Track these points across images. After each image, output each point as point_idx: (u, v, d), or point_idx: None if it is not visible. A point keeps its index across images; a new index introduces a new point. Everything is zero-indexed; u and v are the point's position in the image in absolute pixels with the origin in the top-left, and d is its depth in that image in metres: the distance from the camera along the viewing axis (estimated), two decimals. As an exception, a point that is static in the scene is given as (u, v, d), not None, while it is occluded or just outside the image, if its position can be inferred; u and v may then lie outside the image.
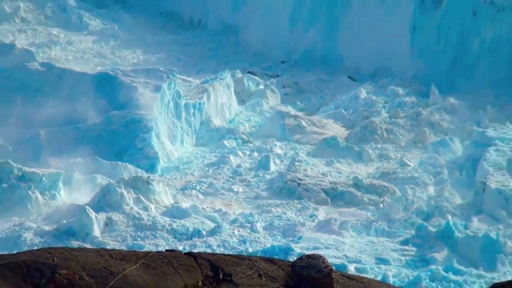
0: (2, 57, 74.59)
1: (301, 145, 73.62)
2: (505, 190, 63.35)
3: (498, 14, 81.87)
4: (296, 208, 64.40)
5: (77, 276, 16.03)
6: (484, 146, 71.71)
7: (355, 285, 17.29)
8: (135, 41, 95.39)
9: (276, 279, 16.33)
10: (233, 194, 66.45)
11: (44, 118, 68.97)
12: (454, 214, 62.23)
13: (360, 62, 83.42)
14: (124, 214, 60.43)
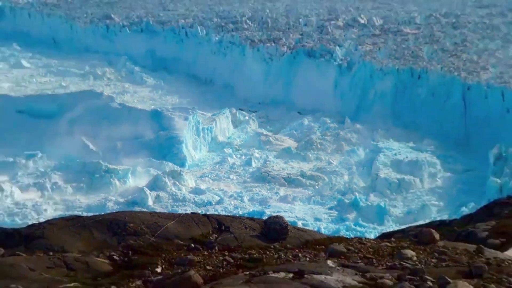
0: (95, 100, 75.34)
1: (270, 152, 72.80)
2: (389, 178, 64.62)
3: (384, 76, 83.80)
4: (267, 189, 65.27)
5: (139, 227, 17.83)
6: (377, 153, 70.42)
7: (301, 233, 17.90)
8: (173, 91, 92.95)
9: (255, 229, 17.30)
10: (230, 180, 67.20)
11: (120, 135, 69.78)
12: (359, 192, 62.72)
13: (304, 103, 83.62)
14: (166, 192, 61.88)
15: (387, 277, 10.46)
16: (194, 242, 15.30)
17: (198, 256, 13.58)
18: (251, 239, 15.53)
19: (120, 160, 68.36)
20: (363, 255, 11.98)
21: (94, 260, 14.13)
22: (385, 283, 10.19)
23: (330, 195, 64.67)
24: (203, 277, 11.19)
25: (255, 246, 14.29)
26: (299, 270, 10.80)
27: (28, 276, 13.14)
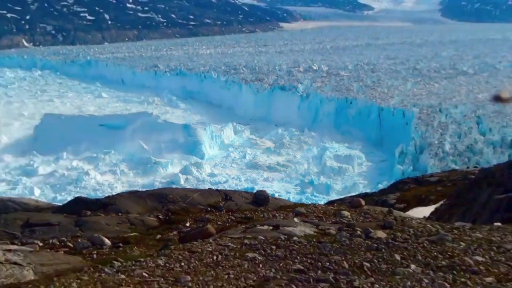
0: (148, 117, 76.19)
1: (257, 150, 71.58)
2: (332, 166, 63.69)
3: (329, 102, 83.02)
4: (256, 173, 64.67)
5: (175, 198, 17.18)
6: (324, 150, 69.14)
7: (277, 201, 17.68)
8: (196, 112, 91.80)
9: (248, 199, 16.71)
10: (232, 168, 66.85)
11: (163, 139, 68.08)
12: (314, 175, 61.41)
13: (279, 119, 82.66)
14: (192, 175, 61.37)
15: (332, 229, 10.44)
16: (210, 207, 15.31)
17: (212, 216, 13.48)
18: (246, 205, 15.45)
19: (163, 155, 68.16)
20: (316, 215, 11.97)
21: (147, 219, 14.18)
22: (330, 232, 10.18)
23: (295, 177, 64.10)
24: (215, 229, 11.07)
25: (248, 209, 14.22)
26: (276, 224, 10.77)
27: (105, 229, 13.17)
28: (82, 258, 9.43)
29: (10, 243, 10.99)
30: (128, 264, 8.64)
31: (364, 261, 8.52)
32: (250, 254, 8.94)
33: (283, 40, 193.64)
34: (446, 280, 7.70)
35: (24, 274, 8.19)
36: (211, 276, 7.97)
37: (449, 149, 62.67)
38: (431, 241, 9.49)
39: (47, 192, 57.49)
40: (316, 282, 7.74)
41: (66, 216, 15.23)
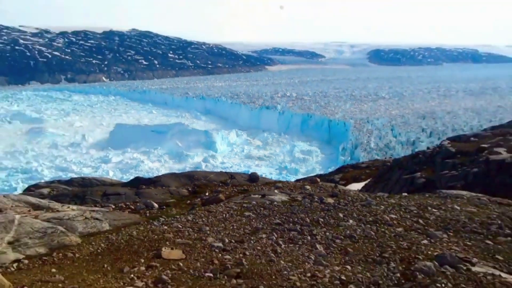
0: (181, 126, 75.30)
1: (251, 146, 70.39)
2: (299, 157, 64.19)
3: (297, 116, 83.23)
4: (250, 161, 63.50)
5: (199, 177, 16.66)
6: (294, 147, 69.45)
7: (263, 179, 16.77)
8: (213, 122, 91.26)
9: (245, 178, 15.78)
10: (235, 158, 65.74)
11: (191, 140, 69.32)
12: (287, 162, 61.13)
13: (265, 127, 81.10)
14: (210, 163, 60.81)
15: (299, 197, 10.41)
16: (221, 183, 15.13)
17: (222, 189, 13.31)
18: (244, 182, 15.24)
19: (191, 150, 67.89)
20: (289, 188, 11.96)
21: (181, 190, 13.98)
22: (298, 199, 10.16)
23: (275, 164, 63.78)
24: (225, 197, 11.03)
25: (246, 184, 14.03)
26: (263, 194, 10.70)
27: (154, 197, 12.98)
28: (140, 215, 9.50)
29: (94, 206, 11.11)
30: (169, 219, 8.69)
31: (319, 217, 8.54)
32: (247, 213, 8.96)
33: (268, 77, 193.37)
34: (372, 230, 7.78)
35: (102, 225, 8.29)
36: (222, 227, 8.08)
37: (374, 146, 63.60)
38: (362, 205, 9.49)
39: (117, 173, 57.50)
40: (289, 231, 7.80)
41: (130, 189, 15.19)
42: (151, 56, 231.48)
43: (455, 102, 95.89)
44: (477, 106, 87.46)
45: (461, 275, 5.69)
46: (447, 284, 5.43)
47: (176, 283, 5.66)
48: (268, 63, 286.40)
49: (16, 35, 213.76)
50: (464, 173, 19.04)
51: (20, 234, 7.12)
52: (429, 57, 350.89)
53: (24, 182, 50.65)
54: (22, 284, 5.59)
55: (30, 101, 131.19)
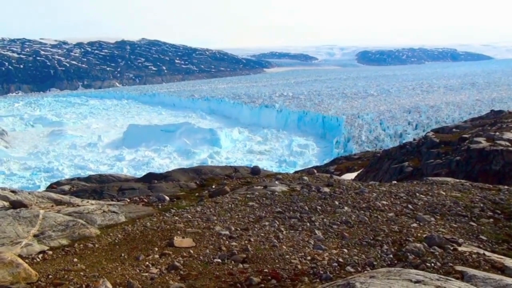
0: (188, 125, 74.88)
1: (252, 142, 70.12)
2: (297, 150, 64.18)
3: (294, 113, 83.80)
4: (252, 156, 63.34)
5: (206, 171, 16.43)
6: (292, 141, 69.24)
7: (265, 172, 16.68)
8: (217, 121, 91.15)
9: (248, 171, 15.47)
10: (238, 153, 64.88)
11: (198, 138, 69.56)
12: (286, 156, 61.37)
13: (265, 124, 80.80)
14: (215, 159, 61.34)
15: (298, 187, 10.35)
16: (226, 176, 15.01)
17: (228, 181, 13.21)
18: (247, 174, 15.12)
19: (197, 147, 67.66)
20: (288, 179, 11.89)
21: (190, 184, 13.90)
22: (297, 189, 10.09)
23: (275, 158, 63.57)
24: (230, 188, 10.93)
25: (248, 177, 13.87)
26: (265, 185, 10.60)
27: (166, 190, 12.87)
28: (153, 208, 9.40)
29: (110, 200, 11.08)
30: (179, 211, 8.66)
31: (317, 205, 8.50)
32: (250, 203, 8.90)
33: (266, 79, 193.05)
34: (365, 215, 7.77)
35: (119, 218, 8.26)
36: (228, 216, 8.05)
37: (365, 139, 63.56)
38: (356, 193, 9.45)
39: (130, 170, 57.38)
40: (289, 218, 7.77)
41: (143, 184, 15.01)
42: (159, 63, 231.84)
43: (437, 97, 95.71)
44: (457, 100, 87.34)
45: (448, 255, 5.72)
46: (436, 263, 5.44)
47: (188, 269, 5.67)
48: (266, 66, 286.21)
49: (37, 47, 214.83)
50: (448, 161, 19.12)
51: (44, 227, 7.16)
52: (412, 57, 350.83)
53: (47, 180, 50.88)
54: (47, 273, 5.61)
55: (51, 106, 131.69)
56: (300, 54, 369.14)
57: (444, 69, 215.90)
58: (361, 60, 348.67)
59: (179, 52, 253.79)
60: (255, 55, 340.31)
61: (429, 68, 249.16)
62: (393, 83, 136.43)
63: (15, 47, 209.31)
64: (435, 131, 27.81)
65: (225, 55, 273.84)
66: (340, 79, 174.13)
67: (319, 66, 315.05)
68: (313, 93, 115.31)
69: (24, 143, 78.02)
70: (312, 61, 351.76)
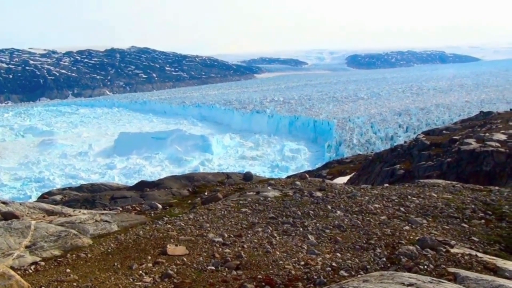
0: (180, 132, 73.96)
1: (244, 148, 69.53)
2: (289, 155, 64.04)
3: (285, 118, 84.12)
4: (244, 162, 62.85)
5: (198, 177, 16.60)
6: (284, 146, 69.25)
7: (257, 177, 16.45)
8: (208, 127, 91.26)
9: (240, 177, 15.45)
10: (230, 159, 65.15)
11: (189, 145, 69.62)
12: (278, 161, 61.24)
13: (256, 130, 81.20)
14: (207, 166, 60.93)
15: (290, 192, 10.35)
16: (218, 182, 14.99)
17: (220, 188, 13.19)
18: (239, 180, 15.10)
19: (189, 154, 67.33)
20: (281, 184, 11.87)
21: (182, 191, 13.91)
22: (289, 194, 10.10)
23: (267, 163, 63.46)
24: (222, 195, 10.93)
25: (241, 183, 13.87)
26: (257, 191, 10.59)
27: (158, 198, 12.84)
28: (145, 216, 9.42)
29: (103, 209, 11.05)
30: (172, 218, 8.65)
31: (310, 210, 8.51)
32: (243, 209, 8.89)
33: (256, 84, 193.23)
34: (358, 219, 7.78)
35: (112, 227, 8.28)
36: (221, 223, 8.03)
37: (356, 142, 63.81)
38: (348, 196, 9.46)
39: (122, 178, 57.09)
40: (282, 224, 7.77)
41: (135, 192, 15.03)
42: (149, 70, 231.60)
43: (427, 99, 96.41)
44: (447, 102, 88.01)
45: (441, 257, 5.73)
46: (429, 265, 5.44)
47: (181, 277, 5.65)
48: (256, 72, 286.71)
49: (26, 56, 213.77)
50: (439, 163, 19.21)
51: (36, 238, 7.13)
52: (401, 60, 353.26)
53: (38, 190, 50.49)
54: (40, 284, 5.58)
55: (41, 115, 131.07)
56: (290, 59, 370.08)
57: (433, 71, 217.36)
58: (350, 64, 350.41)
59: (169, 59, 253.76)
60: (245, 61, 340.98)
61: (418, 70, 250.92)
62: (383, 86, 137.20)
63: (3, 57, 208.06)
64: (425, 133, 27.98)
65: (215, 61, 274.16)
66: (331, 83, 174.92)
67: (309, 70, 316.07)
68: (304, 98, 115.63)
69: (14, 154, 77.36)
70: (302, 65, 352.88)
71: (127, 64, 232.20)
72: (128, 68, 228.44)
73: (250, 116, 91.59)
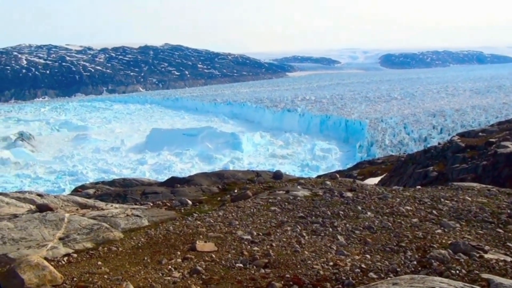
0: (210, 129, 75.51)
1: (274, 146, 69.90)
2: (320, 154, 64.01)
3: (316, 117, 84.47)
4: (274, 160, 63.98)
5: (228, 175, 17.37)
6: (314, 145, 69.60)
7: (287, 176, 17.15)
8: (238, 125, 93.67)
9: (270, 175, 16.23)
10: (260, 157, 65.25)
11: (220, 142, 71.03)
12: (308, 160, 61.76)
13: (287, 128, 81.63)
14: (237, 164, 61.30)
15: (320, 192, 10.30)
16: (248, 180, 15.06)
17: (250, 186, 13.06)
18: (269, 179, 15.16)
19: (220, 152, 67.91)
20: (311, 184, 11.83)
21: (212, 188, 14.01)
22: (319, 194, 10.05)
23: (298, 162, 63.42)
24: (252, 193, 10.91)
25: (271, 181, 13.88)
26: (287, 190, 10.59)
27: (188, 195, 13.04)
28: (175, 212, 9.49)
29: (134, 204, 11.27)
30: (201, 215, 8.71)
31: (339, 210, 8.47)
32: (272, 207, 8.91)
33: (288, 83, 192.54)
34: (389, 221, 7.71)
35: (142, 222, 8.36)
36: (250, 221, 8.06)
37: (388, 143, 63.04)
38: (379, 198, 9.39)
39: (152, 174, 57.97)
40: (311, 223, 7.76)
41: (166, 188, 15.32)
42: (182, 67, 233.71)
43: (463, 100, 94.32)
44: (483, 103, 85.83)
45: (474, 262, 5.62)
46: (461, 271, 5.35)
47: (210, 273, 5.70)
48: (288, 70, 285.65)
49: (63, 53, 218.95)
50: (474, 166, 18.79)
51: (69, 230, 7.29)
52: (437, 60, 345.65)
53: (71, 184, 51.83)
54: (72, 276, 5.69)
55: (76, 111, 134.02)
56: (322, 57, 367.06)
57: (470, 72, 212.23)
58: (384, 63, 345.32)
59: (202, 57, 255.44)
60: (277, 59, 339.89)
61: (454, 71, 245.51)
62: (418, 87, 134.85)
63: (41, 53, 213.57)
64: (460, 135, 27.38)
65: (247, 59, 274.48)
66: (363, 82, 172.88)
67: (341, 69, 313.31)
68: (335, 97, 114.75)
69: (49, 147, 79.56)
70: (335, 64, 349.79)
71: (160, 61, 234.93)
72: (161, 65, 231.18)
73: (281, 115, 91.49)
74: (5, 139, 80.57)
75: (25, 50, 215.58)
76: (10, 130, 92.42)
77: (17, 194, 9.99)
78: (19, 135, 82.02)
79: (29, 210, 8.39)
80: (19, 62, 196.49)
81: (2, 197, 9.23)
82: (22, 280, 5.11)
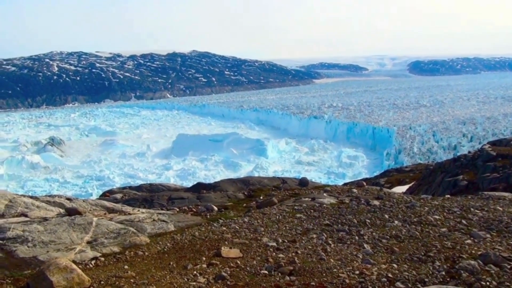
0: (236, 135, 75.23)
1: (300, 153, 69.42)
2: (346, 162, 63.53)
3: (343, 124, 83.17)
4: (300, 167, 63.92)
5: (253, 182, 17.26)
6: (341, 152, 68.78)
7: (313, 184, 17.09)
8: (265, 132, 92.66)
9: (296, 182, 16.28)
10: (285, 164, 64.97)
11: (245, 148, 70.61)
12: (335, 167, 61.81)
13: (312, 135, 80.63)
14: (262, 170, 61.73)
15: (346, 199, 10.25)
16: (274, 187, 15.07)
17: (275, 192, 13.13)
18: (295, 186, 15.14)
19: (244, 158, 68.28)
20: (337, 191, 11.77)
21: (237, 194, 14.08)
22: (345, 201, 10.00)
23: (324, 169, 63.22)
24: (278, 200, 10.94)
25: (296, 188, 13.86)
26: (313, 197, 10.58)
27: (214, 200, 13.12)
28: (201, 217, 9.56)
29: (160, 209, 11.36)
30: (227, 221, 8.77)
31: (366, 218, 8.41)
32: (298, 215, 8.90)
33: (315, 90, 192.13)
34: (417, 230, 7.59)
35: (168, 226, 8.45)
36: (276, 227, 8.07)
37: (416, 151, 62.31)
38: (407, 206, 9.26)
39: (177, 179, 58.51)
40: (337, 231, 7.71)
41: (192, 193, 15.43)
42: (209, 74, 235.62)
43: (494, 108, 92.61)
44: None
45: (505, 274, 5.47)
46: (492, 282, 5.21)
47: (235, 280, 5.71)
48: (315, 77, 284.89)
49: (93, 59, 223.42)
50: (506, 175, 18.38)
51: (97, 234, 7.44)
52: (467, 67, 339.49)
53: (98, 188, 52.97)
54: (99, 279, 5.80)
55: (105, 116, 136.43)
56: (349, 64, 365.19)
57: (502, 79, 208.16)
58: (413, 70, 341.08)
59: (229, 64, 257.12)
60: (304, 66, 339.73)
61: (485, 78, 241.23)
62: (447, 94, 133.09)
63: (72, 60, 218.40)
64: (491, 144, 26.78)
65: (274, 66, 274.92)
66: (391, 89, 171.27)
67: (369, 76, 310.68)
68: (363, 104, 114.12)
69: (78, 152, 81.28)
70: (362, 71, 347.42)
71: (188, 68, 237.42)
72: (188, 71, 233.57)
73: (308, 122, 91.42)
74: (36, 144, 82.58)
75: (56, 57, 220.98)
76: (41, 135, 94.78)
77: (47, 198, 10.24)
78: (49, 140, 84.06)
79: (58, 214, 8.56)
80: (50, 69, 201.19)
81: (33, 201, 9.43)
82: (51, 282, 5.21)
